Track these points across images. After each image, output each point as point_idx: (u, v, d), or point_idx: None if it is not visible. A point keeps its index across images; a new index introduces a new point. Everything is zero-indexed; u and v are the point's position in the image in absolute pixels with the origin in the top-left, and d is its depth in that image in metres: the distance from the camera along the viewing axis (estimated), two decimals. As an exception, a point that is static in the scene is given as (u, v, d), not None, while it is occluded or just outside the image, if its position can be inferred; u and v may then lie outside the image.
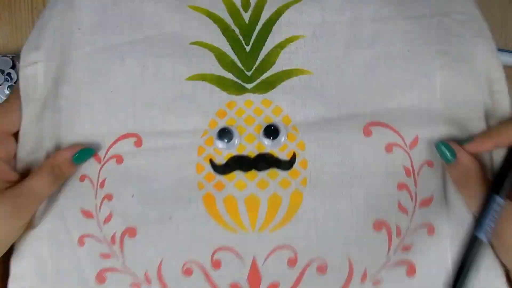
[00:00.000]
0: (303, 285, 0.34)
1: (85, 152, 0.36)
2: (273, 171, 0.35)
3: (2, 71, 0.55)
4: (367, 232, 0.34)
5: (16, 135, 0.37)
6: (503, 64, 0.37)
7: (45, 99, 0.37)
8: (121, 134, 0.36)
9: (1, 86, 0.54)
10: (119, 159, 0.36)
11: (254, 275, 0.34)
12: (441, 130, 0.35)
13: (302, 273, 0.34)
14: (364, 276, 0.34)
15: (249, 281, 0.34)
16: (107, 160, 0.36)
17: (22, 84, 0.37)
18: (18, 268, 0.35)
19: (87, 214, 0.35)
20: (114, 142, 0.36)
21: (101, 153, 0.36)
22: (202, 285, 0.34)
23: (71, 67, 0.37)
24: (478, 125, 0.36)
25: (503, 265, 0.34)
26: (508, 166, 0.33)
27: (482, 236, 0.31)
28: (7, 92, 0.55)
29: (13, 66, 0.55)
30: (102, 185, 0.36)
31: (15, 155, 0.37)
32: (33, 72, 0.37)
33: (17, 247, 0.36)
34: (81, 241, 0.35)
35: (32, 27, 0.52)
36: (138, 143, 0.36)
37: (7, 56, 0.55)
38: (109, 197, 0.35)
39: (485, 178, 0.34)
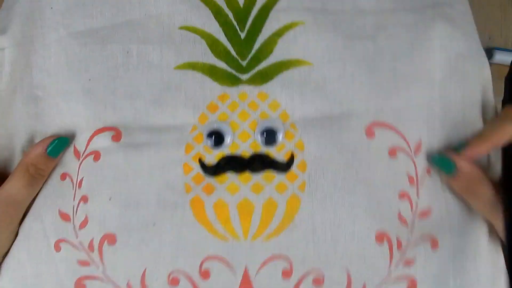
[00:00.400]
0: None
1: (60, 142, 0.32)
2: (269, 173, 0.31)
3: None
4: (369, 244, 0.30)
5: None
6: (503, 63, 0.36)
7: (14, 90, 0.34)
8: (98, 127, 0.33)
9: None
10: (97, 156, 0.32)
11: (246, 285, 0.31)
12: (441, 133, 0.32)
13: (297, 286, 0.31)
14: None
15: None
16: (86, 156, 0.33)
17: None
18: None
19: (64, 217, 0.33)
20: (92, 137, 0.33)
21: (81, 149, 0.33)
22: None
23: (45, 52, 0.34)
24: (476, 125, 0.33)
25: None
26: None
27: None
28: None
29: None
30: (80, 184, 0.33)
31: None
32: None
33: None
34: (57, 246, 0.33)
35: None
36: (116, 137, 0.32)
37: None
38: (84, 199, 0.32)
39: (490, 181, 0.31)
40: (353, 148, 0.31)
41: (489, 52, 0.56)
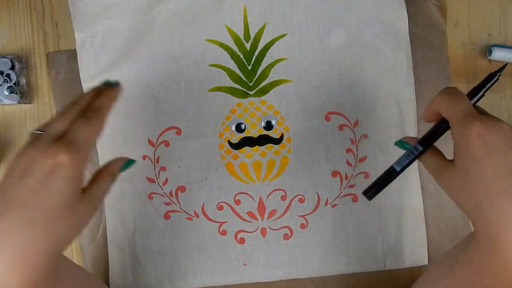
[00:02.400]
0: (291, 210, 0.56)
1: (129, 162, 0.44)
2: (269, 145, 0.56)
3: (1, 72, 0.56)
4: (327, 178, 0.56)
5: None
6: (501, 60, 0.55)
7: None
8: (166, 127, 0.56)
9: (1, 87, 0.56)
10: (167, 144, 0.56)
11: (261, 206, 0.56)
12: (371, 114, 0.56)
13: (290, 203, 0.56)
14: (326, 202, 0.56)
15: (258, 210, 0.56)
16: (158, 144, 0.56)
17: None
18: (110, 218, 0.57)
19: (150, 180, 0.57)
20: (162, 133, 0.56)
21: (153, 140, 0.56)
22: (230, 214, 0.56)
23: (122, 85, 0.54)
24: (395, 115, 0.56)
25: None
26: (435, 131, 0.41)
27: (396, 166, 0.42)
28: (6, 93, 0.56)
29: (12, 67, 0.56)
30: (157, 161, 0.56)
31: None
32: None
33: (107, 208, 0.57)
34: (150, 197, 0.56)
35: (30, 28, 0.58)
36: (179, 132, 0.56)
37: (6, 57, 0.56)
38: (163, 169, 0.56)
39: None
40: (317, 128, 0.56)
41: (488, 49, 0.58)
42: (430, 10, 0.57)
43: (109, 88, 0.40)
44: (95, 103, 0.39)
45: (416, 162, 0.56)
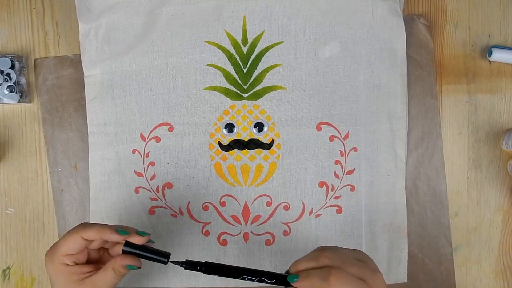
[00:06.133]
0: (275, 217, 0.56)
1: (131, 267, 0.45)
2: (259, 150, 0.56)
3: (1, 71, 0.56)
4: (314, 187, 0.56)
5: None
6: (502, 61, 0.54)
7: (106, 96, 0.56)
8: (159, 123, 0.57)
9: (1, 86, 0.56)
10: (158, 139, 0.57)
11: (246, 210, 0.56)
12: (363, 128, 0.56)
13: (274, 210, 0.56)
14: (311, 212, 0.56)
15: (243, 214, 0.56)
16: (149, 140, 0.57)
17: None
18: (94, 209, 0.57)
19: (138, 174, 0.57)
20: (154, 128, 0.57)
21: (145, 135, 0.56)
22: (215, 215, 0.56)
23: (121, 76, 0.56)
24: (385, 126, 0.56)
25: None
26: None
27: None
28: (6, 92, 0.56)
29: (12, 66, 0.56)
30: (147, 155, 0.57)
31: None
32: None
33: (93, 195, 0.57)
34: (136, 190, 0.57)
35: (31, 27, 0.59)
36: (171, 129, 0.57)
37: (6, 57, 0.56)
38: (152, 164, 0.56)
39: None
40: (308, 137, 0.56)
41: (488, 50, 0.58)
42: (418, 29, 0.58)
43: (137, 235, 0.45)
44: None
45: (403, 178, 0.57)
